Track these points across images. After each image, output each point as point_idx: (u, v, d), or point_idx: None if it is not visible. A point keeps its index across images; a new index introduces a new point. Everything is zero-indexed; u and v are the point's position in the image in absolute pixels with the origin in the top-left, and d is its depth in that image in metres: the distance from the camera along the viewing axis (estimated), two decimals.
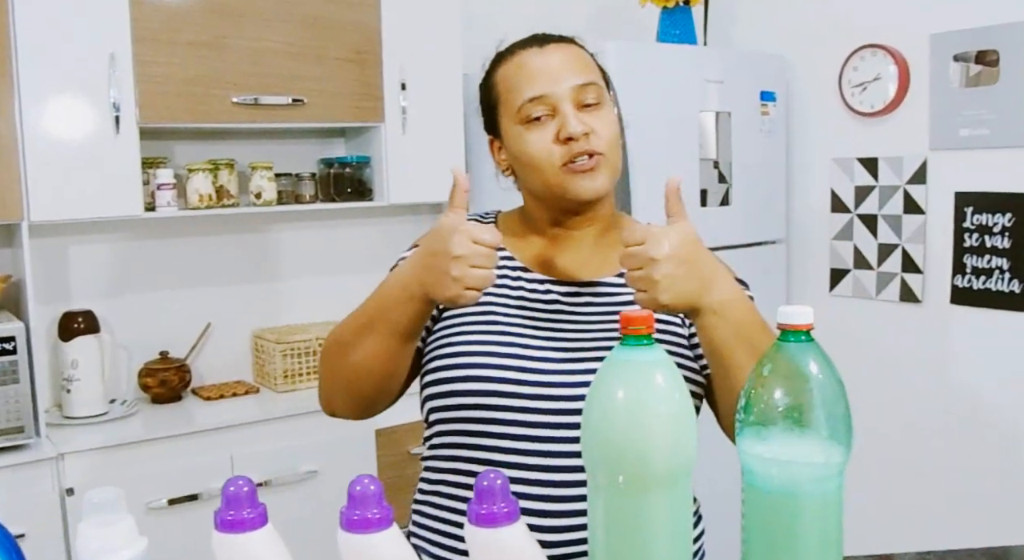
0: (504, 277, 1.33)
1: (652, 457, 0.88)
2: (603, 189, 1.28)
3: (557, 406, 1.21)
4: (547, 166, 1.27)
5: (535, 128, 1.27)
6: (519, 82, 1.29)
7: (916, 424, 3.02)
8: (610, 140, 1.27)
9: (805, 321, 0.91)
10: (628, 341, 0.89)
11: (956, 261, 2.87)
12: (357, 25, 2.86)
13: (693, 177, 2.95)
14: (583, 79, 1.28)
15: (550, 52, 1.30)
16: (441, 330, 1.31)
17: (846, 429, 0.91)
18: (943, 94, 2.86)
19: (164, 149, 2.83)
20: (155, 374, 2.75)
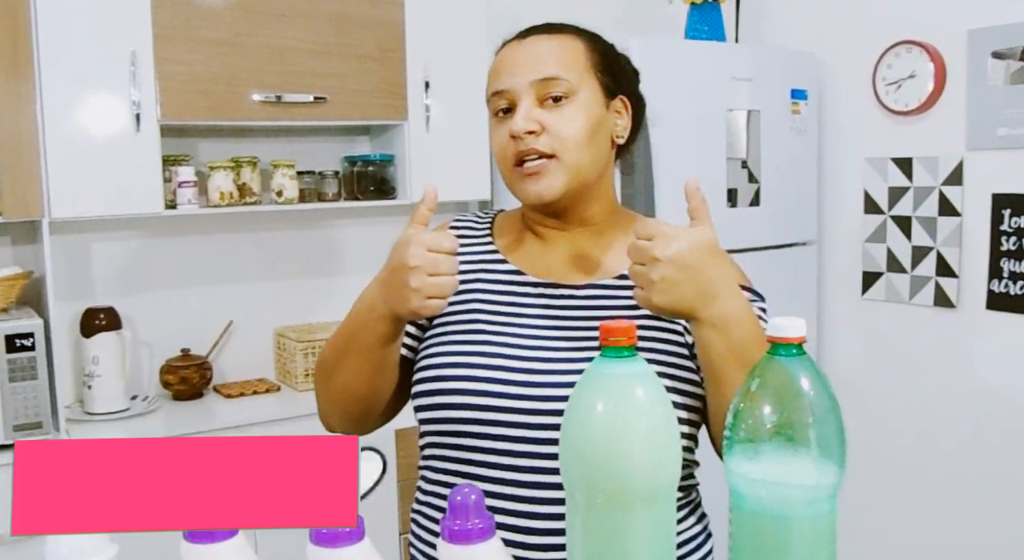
0: (494, 282, 1.29)
1: (632, 474, 0.84)
2: (551, 193, 1.22)
3: (545, 420, 1.16)
4: (503, 163, 1.25)
5: (499, 123, 1.25)
6: (493, 74, 1.27)
7: (949, 433, 2.93)
8: (568, 140, 1.21)
9: (797, 334, 0.86)
10: (608, 353, 0.85)
11: (992, 265, 2.79)
12: (381, 22, 2.84)
13: (720, 177, 2.90)
14: (547, 73, 1.21)
15: (528, 44, 1.25)
16: (429, 339, 1.27)
17: (839, 449, 0.86)
18: (981, 92, 2.77)
19: (186, 147, 2.83)
20: (176, 371, 2.76)
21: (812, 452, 0.85)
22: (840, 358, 3.22)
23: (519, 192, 1.25)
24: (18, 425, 2.28)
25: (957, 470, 2.92)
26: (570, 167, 1.22)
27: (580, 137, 1.22)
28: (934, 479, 2.98)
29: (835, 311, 3.24)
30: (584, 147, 1.23)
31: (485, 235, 1.35)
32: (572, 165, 1.22)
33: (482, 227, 1.37)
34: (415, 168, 2.94)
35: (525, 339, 1.22)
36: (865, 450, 3.05)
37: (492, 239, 1.35)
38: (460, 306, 1.27)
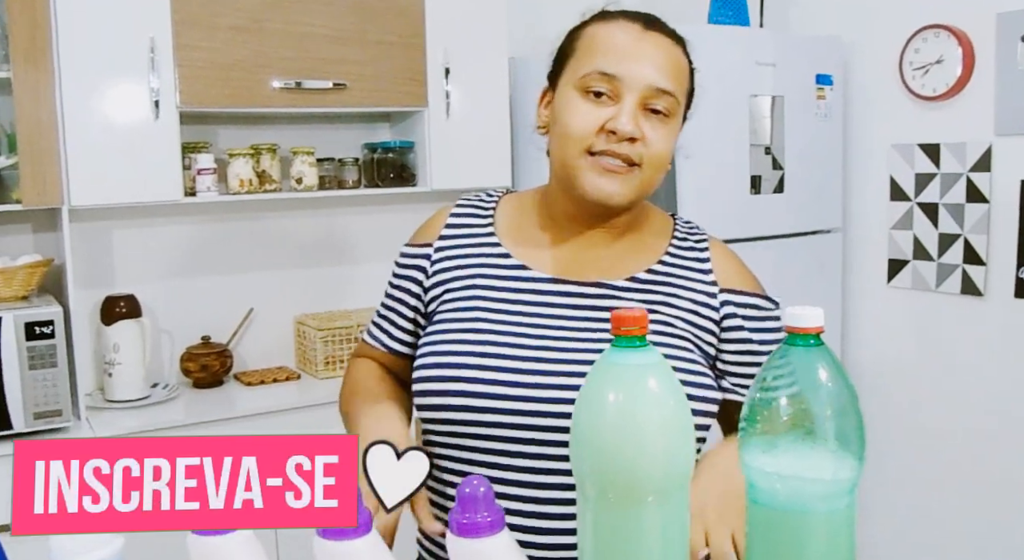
0: (497, 278, 1.24)
1: (645, 467, 0.81)
2: (620, 199, 1.17)
3: (547, 422, 1.13)
4: (576, 144, 1.16)
5: (588, 101, 1.17)
6: (602, 48, 1.18)
7: (976, 424, 2.89)
8: (655, 158, 1.17)
9: (815, 324, 0.83)
10: (620, 342, 0.83)
11: (1021, 253, 2.73)
12: (400, 8, 2.82)
13: (744, 163, 2.86)
14: (665, 84, 1.16)
15: (652, 39, 1.18)
16: (430, 335, 1.23)
17: (858, 442, 0.83)
18: (1010, 77, 2.71)
19: (206, 134, 2.83)
20: (197, 359, 2.76)
21: (830, 445, 0.83)
22: (865, 347, 3.18)
23: (585, 182, 1.17)
24: (38, 413, 2.29)
25: (983, 462, 2.87)
26: (644, 182, 1.18)
27: (665, 159, 1.19)
28: (960, 471, 2.94)
29: (860, 299, 3.20)
30: (661, 169, 1.20)
31: (488, 225, 1.29)
32: (646, 181, 1.18)
33: (486, 214, 1.31)
34: (435, 155, 2.92)
35: (529, 339, 1.18)
36: (889, 441, 3.01)
37: (494, 229, 1.29)
38: (461, 302, 1.23)
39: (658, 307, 1.20)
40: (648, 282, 1.22)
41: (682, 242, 1.27)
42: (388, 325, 1.34)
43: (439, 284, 1.27)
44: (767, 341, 1.23)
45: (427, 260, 1.29)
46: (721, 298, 1.23)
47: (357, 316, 2.95)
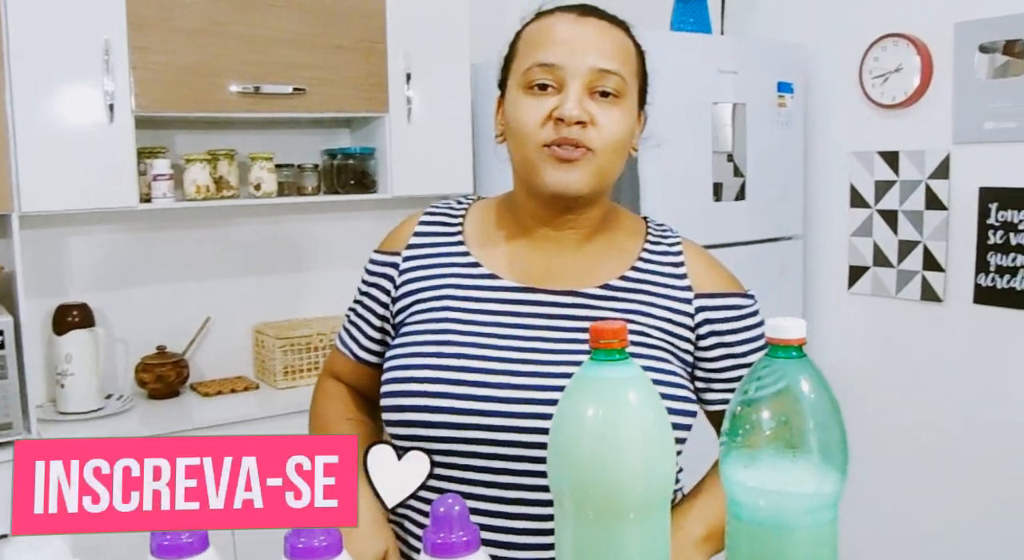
0: (467, 287, 1.21)
1: (625, 483, 0.79)
2: (579, 188, 1.14)
3: (521, 437, 1.10)
4: (530, 141, 1.14)
5: (534, 96, 1.15)
6: (538, 43, 1.16)
7: (936, 428, 2.91)
8: (610, 140, 1.14)
9: (797, 335, 0.82)
10: (598, 355, 0.81)
11: (980, 259, 2.76)
12: (361, 12, 2.78)
13: (706, 170, 2.86)
14: (608, 64, 1.13)
15: (588, 23, 1.16)
16: (398, 348, 1.20)
17: (841, 455, 0.82)
18: (968, 85, 2.75)
19: (162, 139, 2.77)
20: (152, 369, 2.70)
21: (813, 459, 0.81)
22: (826, 353, 3.19)
23: (543, 175, 1.14)
24: None
25: (944, 465, 2.90)
26: (601, 167, 1.15)
27: (618, 141, 1.16)
28: (921, 474, 2.96)
29: (821, 306, 3.22)
30: (619, 152, 1.17)
31: (457, 233, 1.26)
32: (603, 166, 1.15)
33: (455, 223, 1.28)
34: (396, 161, 2.89)
35: (500, 350, 1.15)
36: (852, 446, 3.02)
37: (463, 238, 1.26)
38: (430, 313, 1.20)
39: (633, 316, 1.18)
40: (622, 289, 1.20)
41: (655, 246, 1.25)
42: (357, 333, 1.31)
43: (408, 294, 1.24)
44: (748, 340, 1.22)
45: (395, 268, 1.26)
46: (696, 304, 1.21)
47: (317, 325, 2.91)
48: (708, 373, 1.22)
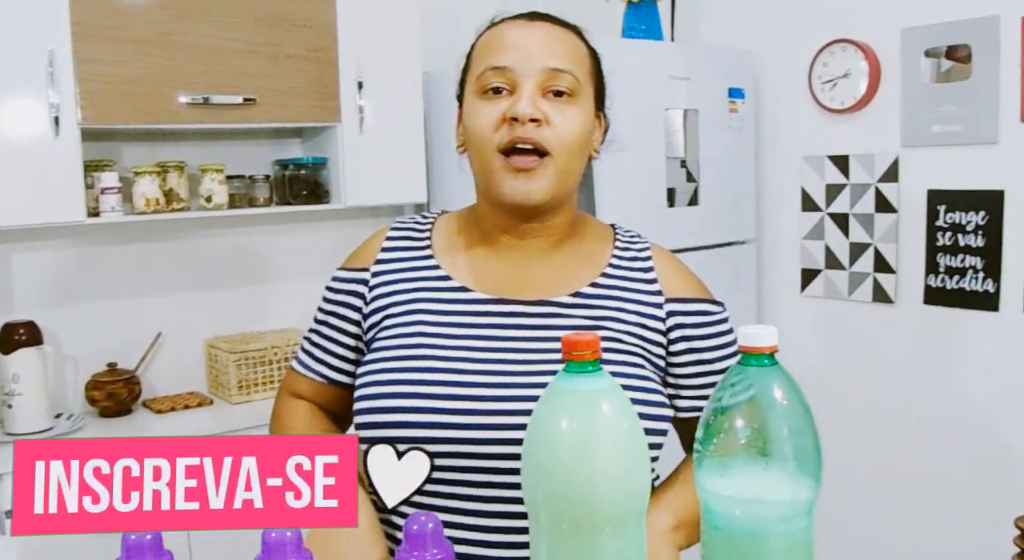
0: (438, 301, 1.20)
1: (600, 496, 0.79)
2: (539, 195, 1.14)
3: (498, 449, 1.09)
4: (486, 145, 1.14)
5: (488, 101, 1.15)
6: (490, 48, 1.17)
7: (889, 426, 2.95)
8: (566, 140, 1.13)
9: (768, 343, 0.82)
10: (571, 367, 0.80)
11: (929, 260, 2.81)
12: (312, 21, 2.75)
13: (660, 176, 2.87)
14: (560, 64, 1.14)
15: (538, 26, 1.17)
16: (370, 364, 1.18)
17: (815, 462, 0.82)
18: (915, 90, 2.79)
19: (109, 151, 2.71)
20: (103, 387, 2.64)
21: (787, 467, 0.81)
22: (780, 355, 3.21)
23: (502, 186, 1.14)
24: None
25: (897, 463, 2.94)
26: (560, 171, 1.15)
27: (575, 140, 1.15)
28: (875, 473, 2.99)
29: (775, 309, 3.24)
30: (576, 153, 1.16)
31: (425, 247, 1.25)
32: (562, 169, 1.15)
33: (422, 236, 1.27)
34: (349, 171, 2.86)
35: (474, 362, 1.14)
36: None
37: (432, 252, 1.25)
38: (402, 328, 1.18)
39: (605, 322, 1.17)
40: (593, 297, 1.19)
41: (624, 252, 1.25)
42: (324, 354, 1.27)
43: (378, 310, 1.22)
44: (718, 346, 1.22)
45: (364, 285, 1.24)
46: (667, 308, 1.20)
47: (271, 338, 2.87)
48: (678, 379, 1.22)
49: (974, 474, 2.75)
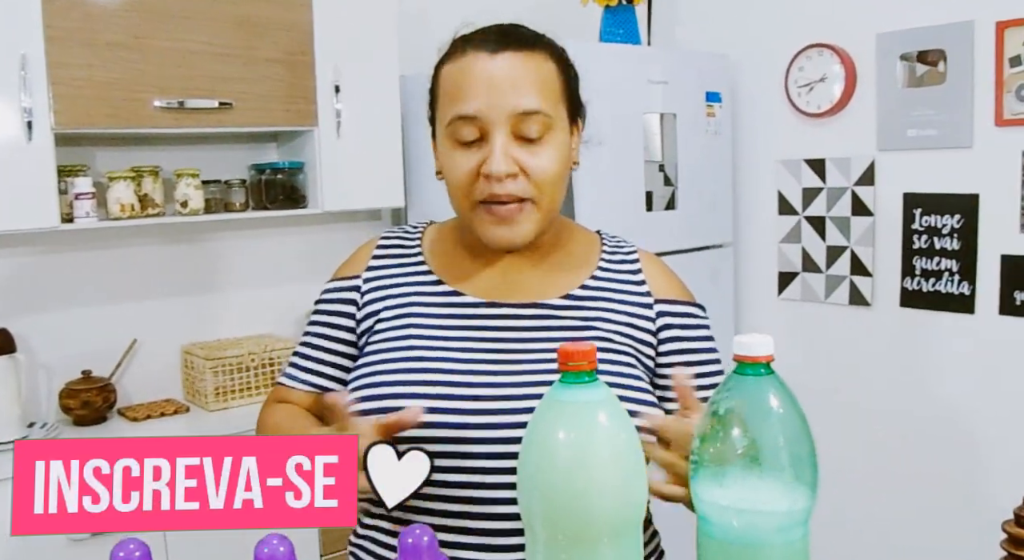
0: (430, 305, 1.20)
1: (597, 507, 0.78)
2: (523, 239, 1.14)
3: (494, 449, 1.09)
4: (463, 197, 1.14)
5: (461, 150, 1.13)
6: (456, 90, 1.13)
7: (866, 427, 2.97)
8: (546, 181, 1.12)
9: (764, 352, 0.82)
10: (567, 378, 0.80)
11: (905, 263, 2.83)
12: (288, 25, 2.73)
13: (638, 180, 2.87)
14: (528, 106, 1.10)
15: (502, 62, 1.11)
16: (362, 368, 1.18)
17: (811, 471, 0.82)
18: (890, 94, 2.81)
19: (83, 156, 2.68)
20: (77, 395, 2.60)
21: (784, 476, 0.81)
22: None
23: (484, 233, 1.14)
24: None
25: (874, 462, 2.95)
26: (544, 210, 1.15)
27: (555, 179, 1.14)
28: (852, 472, 3.01)
29: (752, 312, 3.26)
30: (558, 186, 1.16)
31: (416, 253, 1.26)
32: (546, 208, 1.15)
33: (412, 244, 1.28)
34: (326, 176, 2.84)
35: (467, 364, 1.14)
36: None
37: (424, 258, 1.25)
38: (394, 332, 1.18)
39: (595, 322, 1.18)
40: (583, 298, 1.20)
41: (612, 256, 1.26)
42: (317, 364, 1.26)
43: (371, 315, 1.22)
44: (705, 350, 1.24)
45: (356, 292, 1.24)
46: (657, 308, 1.21)
47: (248, 344, 2.84)
48: (667, 380, 1.22)
49: (950, 474, 2.78)
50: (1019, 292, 2.59)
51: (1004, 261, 2.61)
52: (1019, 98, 2.54)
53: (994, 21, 2.57)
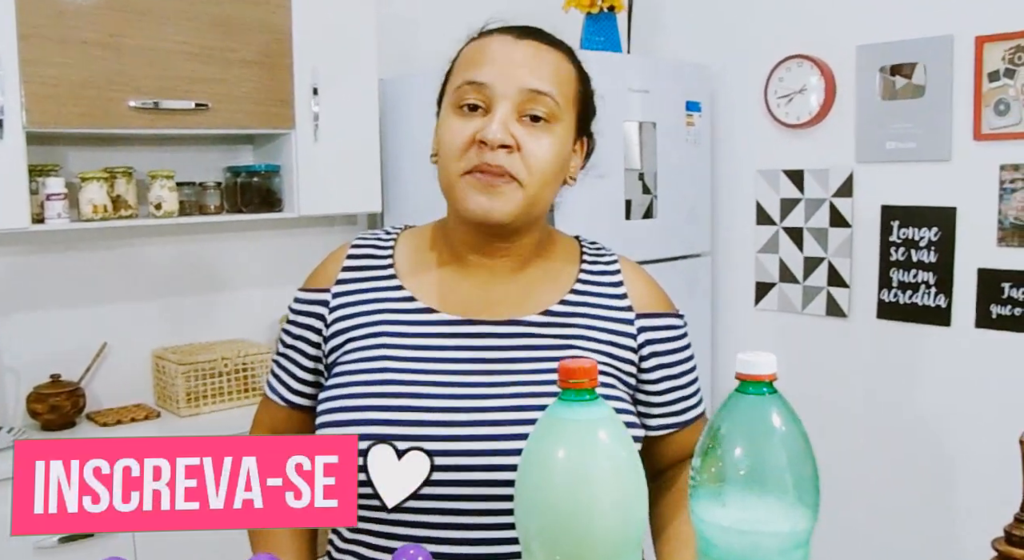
0: (401, 323, 1.15)
1: (598, 529, 0.76)
2: (501, 215, 1.09)
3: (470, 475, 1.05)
4: (451, 162, 1.10)
5: (461, 116, 1.11)
6: (472, 61, 1.12)
7: (841, 438, 2.98)
8: (537, 170, 1.09)
9: (768, 371, 0.80)
10: (568, 396, 0.78)
11: (882, 275, 2.84)
12: (266, 25, 2.70)
13: (618, 188, 2.86)
14: (540, 85, 1.09)
15: (525, 44, 1.12)
16: (331, 389, 1.14)
17: (814, 492, 0.80)
18: (869, 106, 2.82)
19: (55, 156, 2.63)
20: (45, 399, 2.54)
21: (787, 497, 0.79)
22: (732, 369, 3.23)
23: (464, 201, 1.10)
24: None
25: (850, 474, 2.96)
26: (528, 197, 1.10)
27: (548, 170, 1.11)
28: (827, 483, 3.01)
29: (729, 321, 3.26)
30: (548, 182, 1.12)
31: (387, 266, 1.20)
32: (530, 196, 1.10)
33: (384, 254, 1.22)
34: (303, 179, 2.81)
35: (442, 387, 1.09)
36: None
37: (395, 271, 1.20)
38: (365, 352, 1.14)
39: (575, 341, 1.14)
40: (563, 314, 1.16)
41: (592, 266, 1.22)
42: (287, 377, 1.23)
43: (340, 333, 1.17)
44: (684, 361, 1.22)
45: (324, 307, 1.19)
46: (638, 324, 1.18)
47: (221, 349, 2.79)
48: (649, 396, 1.20)
49: (924, 484, 2.79)
50: (995, 305, 2.60)
51: (981, 274, 2.63)
52: (997, 113, 2.56)
53: (973, 36, 2.59)
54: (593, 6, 2.98)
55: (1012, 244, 2.57)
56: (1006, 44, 2.53)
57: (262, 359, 2.81)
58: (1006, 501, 2.58)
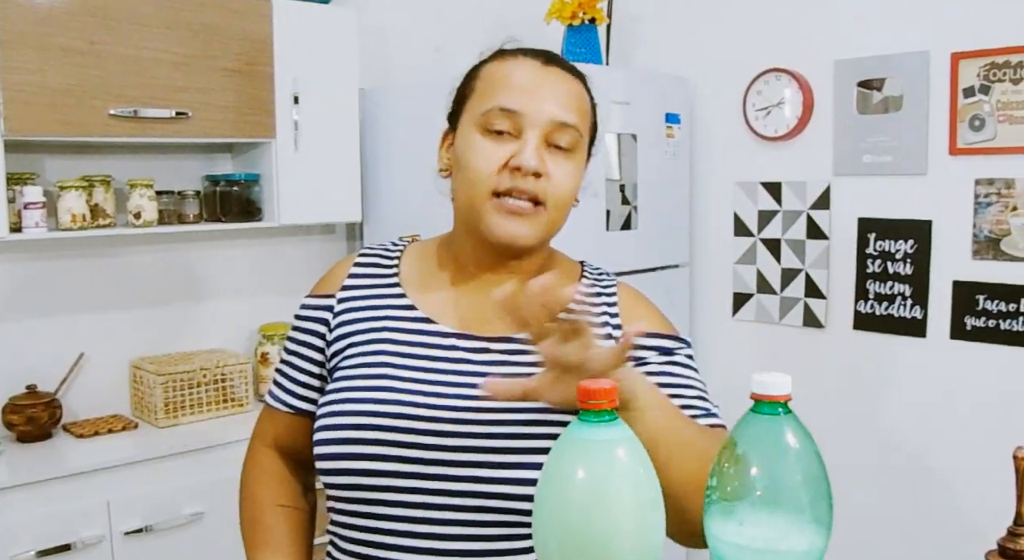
0: (402, 331, 1.18)
1: (615, 548, 0.76)
2: (526, 240, 1.14)
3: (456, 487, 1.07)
4: (481, 185, 1.12)
5: (490, 140, 1.13)
6: (501, 85, 1.15)
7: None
8: (560, 195, 1.14)
9: (783, 392, 0.81)
10: (587, 416, 0.78)
11: (859, 287, 2.87)
12: (246, 34, 2.69)
13: (599, 200, 2.87)
14: (567, 117, 1.14)
15: (552, 73, 1.17)
16: (331, 393, 1.16)
17: (828, 511, 0.82)
18: (846, 120, 2.86)
19: (33, 164, 2.60)
20: (21, 410, 2.51)
21: (802, 517, 0.80)
22: (712, 378, 3.23)
23: (492, 224, 1.12)
24: None
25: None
26: (550, 221, 1.15)
27: (569, 196, 1.16)
28: None
29: (707, 332, 3.28)
30: (566, 207, 1.17)
31: (392, 275, 1.24)
32: (552, 220, 1.15)
33: (390, 265, 1.25)
34: (283, 188, 2.80)
35: (433, 398, 1.12)
36: None
37: (399, 280, 1.23)
38: (365, 357, 1.16)
39: None
40: None
41: (589, 289, 1.23)
42: (290, 383, 1.25)
43: (343, 337, 1.20)
44: (675, 384, 1.19)
45: (329, 312, 1.23)
46: None
47: (200, 359, 2.77)
48: None
49: (900, 496, 2.82)
50: (970, 317, 2.64)
51: (956, 287, 2.66)
52: (972, 128, 2.60)
53: (949, 52, 2.63)
54: (574, 18, 2.99)
55: (987, 257, 2.61)
56: (981, 61, 2.57)
57: (241, 370, 2.78)
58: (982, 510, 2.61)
